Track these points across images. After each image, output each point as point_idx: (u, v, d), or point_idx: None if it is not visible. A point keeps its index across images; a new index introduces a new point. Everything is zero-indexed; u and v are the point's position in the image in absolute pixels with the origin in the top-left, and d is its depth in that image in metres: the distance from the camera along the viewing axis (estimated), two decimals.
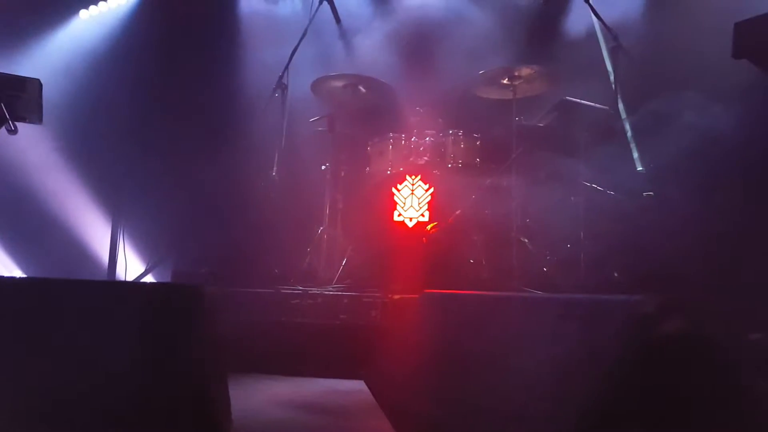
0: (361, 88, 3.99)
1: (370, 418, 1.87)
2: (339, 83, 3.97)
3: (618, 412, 0.93)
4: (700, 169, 3.02)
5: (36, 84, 1.92)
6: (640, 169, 3.65)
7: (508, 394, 1.19)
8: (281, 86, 3.79)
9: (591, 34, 4.15)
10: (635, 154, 3.69)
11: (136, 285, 2.65)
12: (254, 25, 5.10)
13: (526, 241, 3.41)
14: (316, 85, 4.00)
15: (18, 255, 4.74)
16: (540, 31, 4.32)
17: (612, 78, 3.57)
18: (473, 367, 1.34)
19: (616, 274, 3.17)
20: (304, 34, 3.90)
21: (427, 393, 1.51)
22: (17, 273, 4.69)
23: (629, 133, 3.73)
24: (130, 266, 5.04)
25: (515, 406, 1.15)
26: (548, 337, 1.14)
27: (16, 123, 1.95)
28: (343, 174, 4.02)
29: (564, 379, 1.03)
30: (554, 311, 1.19)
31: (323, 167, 4.01)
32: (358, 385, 2.02)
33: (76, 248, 4.91)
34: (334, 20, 4.30)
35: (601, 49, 4.05)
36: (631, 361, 0.92)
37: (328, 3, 4.03)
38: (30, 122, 2.04)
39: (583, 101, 3.44)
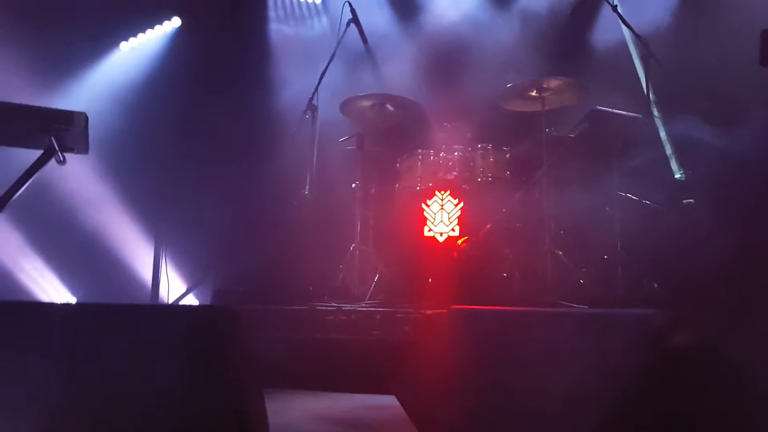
0: (388, 106, 4.05)
1: None
2: (367, 103, 4.04)
3: (636, 423, 0.92)
4: (736, 176, 2.92)
5: (83, 117, 2.02)
6: (679, 176, 3.54)
7: (537, 408, 1.18)
8: (311, 108, 3.89)
9: (620, 44, 4.10)
10: (672, 162, 3.59)
11: (173, 307, 2.75)
12: (284, 48, 5.28)
13: (561, 253, 3.35)
14: (345, 106, 4.09)
15: (68, 279, 4.98)
16: (568, 42, 4.29)
17: (644, 86, 3.50)
18: (502, 381, 1.34)
19: (655, 285, 3.07)
20: (332, 56, 4.00)
21: (458, 407, 1.51)
22: (70, 298, 4.92)
23: (666, 141, 3.64)
24: (173, 287, 5.23)
25: (544, 418, 1.15)
26: (570, 351, 1.14)
27: (65, 154, 2.08)
28: (373, 191, 4.07)
29: (588, 392, 1.02)
30: (573, 326, 1.19)
31: (353, 185, 4.07)
32: (390, 400, 2.04)
33: (121, 271, 5.12)
34: (361, 41, 4.40)
35: (631, 58, 3.99)
36: (645, 373, 0.91)
37: (355, 25, 4.13)
38: (77, 153, 2.16)
39: (614, 110, 3.38)
